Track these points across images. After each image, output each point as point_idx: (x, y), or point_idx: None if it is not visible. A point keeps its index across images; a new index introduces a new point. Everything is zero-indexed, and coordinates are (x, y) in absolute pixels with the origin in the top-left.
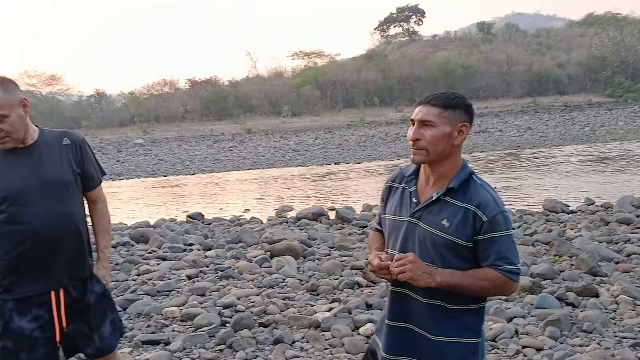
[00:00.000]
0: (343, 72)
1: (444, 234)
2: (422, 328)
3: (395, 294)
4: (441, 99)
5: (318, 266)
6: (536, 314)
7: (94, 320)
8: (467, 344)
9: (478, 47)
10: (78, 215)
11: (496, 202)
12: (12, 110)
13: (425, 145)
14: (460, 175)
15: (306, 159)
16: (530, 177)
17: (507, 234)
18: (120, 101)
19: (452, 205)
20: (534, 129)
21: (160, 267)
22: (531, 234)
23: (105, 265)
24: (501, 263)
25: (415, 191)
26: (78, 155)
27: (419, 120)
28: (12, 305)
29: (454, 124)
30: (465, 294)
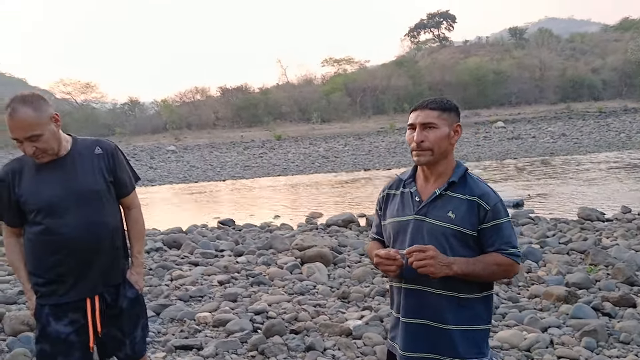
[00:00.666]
0: (373, 79)
1: (452, 225)
2: (438, 321)
3: (408, 291)
4: (437, 102)
5: (349, 273)
6: (572, 324)
7: (126, 325)
8: (479, 330)
9: (510, 52)
10: (112, 223)
11: (494, 192)
12: (45, 128)
13: (430, 146)
14: (457, 171)
15: (336, 166)
16: (565, 185)
17: (507, 220)
18: (153, 109)
19: (455, 198)
20: (568, 135)
21: (192, 273)
22: (566, 242)
23: (139, 271)
24: (506, 247)
25: (417, 191)
26: (110, 164)
27: (421, 123)
28: (49, 309)
29: (450, 124)
30: (477, 280)
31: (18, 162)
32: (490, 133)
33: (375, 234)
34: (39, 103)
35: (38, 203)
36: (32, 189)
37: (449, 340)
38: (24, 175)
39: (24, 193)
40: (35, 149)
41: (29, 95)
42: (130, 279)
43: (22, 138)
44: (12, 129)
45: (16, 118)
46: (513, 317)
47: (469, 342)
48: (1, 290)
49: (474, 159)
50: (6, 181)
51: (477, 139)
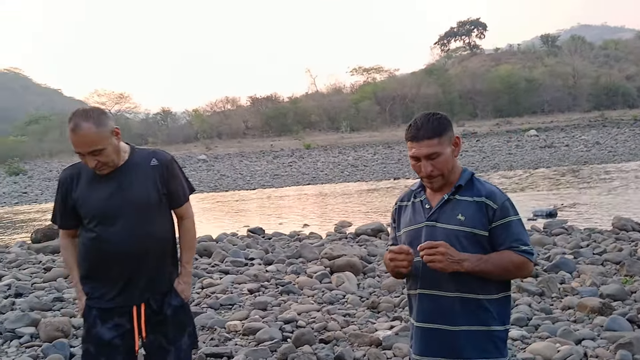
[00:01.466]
0: (402, 87)
1: (463, 227)
2: (452, 324)
3: (422, 296)
4: (431, 129)
5: (378, 283)
6: (606, 336)
7: (171, 332)
8: (497, 332)
9: (542, 60)
10: (162, 234)
11: (500, 192)
12: (107, 143)
13: (439, 172)
14: (464, 175)
15: (365, 174)
16: (599, 194)
17: (516, 218)
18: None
19: (463, 201)
20: (602, 143)
21: (223, 281)
22: (600, 253)
23: (186, 280)
24: (517, 244)
25: (426, 199)
26: (164, 176)
27: (425, 156)
28: (97, 312)
29: (450, 142)
30: (491, 278)
31: (76, 168)
32: (523, 141)
33: (392, 245)
34: (100, 118)
35: (91, 211)
36: (87, 196)
37: (466, 341)
38: (80, 181)
39: (79, 199)
40: (97, 162)
41: (90, 110)
42: (177, 287)
43: (85, 152)
44: (75, 144)
45: (79, 134)
46: (546, 328)
47: (487, 344)
48: (37, 297)
49: (505, 168)
50: (64, 185)
51: (509, 147)
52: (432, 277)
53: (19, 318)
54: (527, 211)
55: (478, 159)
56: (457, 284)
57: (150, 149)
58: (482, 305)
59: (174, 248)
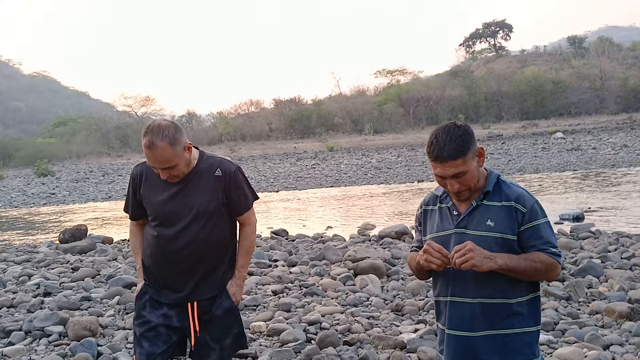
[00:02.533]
0: (427, 89)
1: (493, 233)
2: (485, 329)
3: (453, 304)
4: (455, 150)
5: (402, 286)
6: (635, 341)
7: (218, 332)
8: (530, 332)
9: (569, 61)
10: (218, 240)
11: (529, 194)
12: (181, 159)
13: (466, 187)
14: (490, 180)
15: (388, 177)
16: (627, 198)
17: (545, 221)
18: (209, 121)
19: (491, 206)
20: (630, 146)
21: (247, 282)
22: (629, 257)
23: (239, 283)
24: (546, 247)
25: (454, 205)
26: (226, 186)
27: (451, 175)
28: (149, 297)
29: (473, 156)
30: (520, 277)
31: (145, 166)
32: (549, 144)
33: (417, 247)
34: (175, 137)
35: (153, 211)
36: (150, 196)
37: (498, 347)
38: (147, 181)
39: (145, 197)
40: (169, 174)
41: (165, 128)
42: (229, 289)
43: (159, 167)
44: (149, 159)
45: (155, 152)
46: (573, 333)
47: (520, 346)
48: (65, 296)
49: (531, 171)
50: (135, 180)
51: (535, 150)
52: (462, 284)
53: (47, 317)
54: (554, 215)
55: (504, 162)
56: (488, 290)
57: (218, 157)
58: (513, 309)
59: (233, 252)
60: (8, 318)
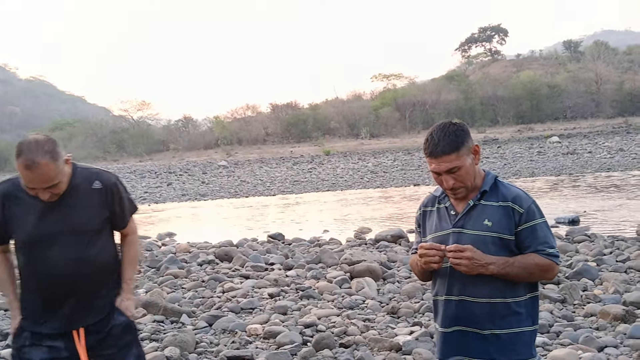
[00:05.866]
0: (423, 94)
1: (490, 233)
2: (482, 328)
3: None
4: (448, 145)
5: (398, 289)
6: (629, 343)
7: (116, 354)
8: (527, 332)
9: (565, 65)
10: (101, 259)
11: (526, 194)
12: (63, 175)
13: (462, 184)
14: (487, 180)
15: (385, 181)
16: (623, 201)
17: (542, 221)
18: (205, 125)
19: (489, 206)
20: (626, 150)
21: (243, 285)
22: (624, 260)
23: (129, 297)
24: (543, 247)
25: (451, 205)
26: (108, 199)
27: (446, 171)
28: (28, 334)
29: (468, 152)
30: (516, 280)
31: (13, 185)
32: (545, 148)
33: (417, 249)
34: (55, 151)
35: (25, 234)
36: (21, 217)
37: (494, 346)
38: (15, 201)
39: (12, 219)
40: (51, 194)
41: (43, 142)
42: (120, 306)
43: (40, 188)
44: (29, 181)
45: (36, 171)
46: (568, 335)
47: (517, 345)
48: None
49: (527, 175)
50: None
51: (531, 154)
52: (460, 282)
53: None
54: (549, 218)
55: (499, 166)
56: (486, 289)
57: (94, 169)
58: (511, 309)
59: (117, 269)
60: None
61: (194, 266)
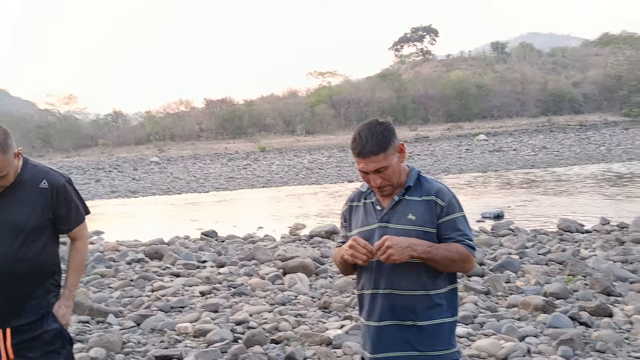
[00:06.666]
0: (357, 91)
1: (414, 227)
2: (407, 319)
3: (376, 296)
4: (376, 145)
5: (330, 283)
6: (549, 333)
7: (37, 358)
8: (448, 323)
9: (492, 66)
10: (38, 260)
11: (448, 189)
12: (11, 168)
13: (389, 183)
14: (411, 176)
15: (320, 177)
16: (545, 197)
17: (462, 214)
18: (136, 120)
19: (413, 201)
20: (548, 148)
21: (174, 284)
22: (545, 253)
23: (68, 304)
24: (463, 238)
25: (377, 200)
26: (53, 200)
27: (374, 170)
28: None
29: (395, 152)
30: (439, 267)
31: None
32: (473, 146)
33: (342, 243)
34: (6, 142)
35: None
36: None
37: (418, 337)
38: None
39: None
40: None
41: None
42: (56, 312)
43: None
44: None
45: None
46: (491, 326)
47: (439, 335)
48: None
49: (456, 171)
50: None
51: (460, 151)
52: (387, 276)
53: None
54: (476, 213)
55: (430, 163)
56: (411, 282)
57: (45, 167)
58: (433, 301)
59: (59, 272)
60: None
61: (122, 265)
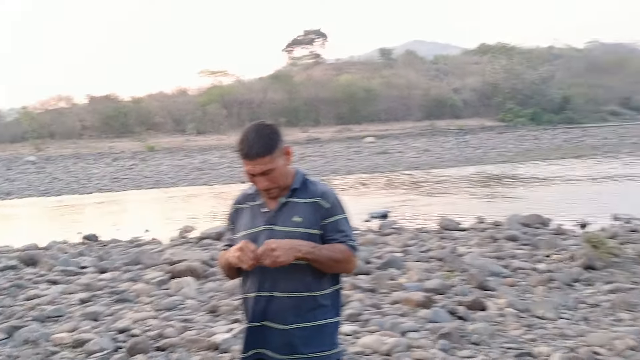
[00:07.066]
0: (250, 92)
1: (299, 229)
2: (288, 322)
3: (259, 299)
4: (261, 147)
5: (220, 286)
6: (429, 327)
7: None
8: (333, 323)
9: (380, 71)
10: None
11: (332, 191)
12: None
13: (275, 185)
14: (297, 178)
15: (211, 178)
16: (427, 197)
17: (344, 216)
18: (11, 116)
19: (299, 203)
20: (431, 150)
21: (50, 292)
22: (426, 250)
23: None
24: (345, 239)
25: (264, 202)
26: None
27: (261, 173)
28: None
29: (281, 154)
30: (323, 268)
31: None
32: (361, 148)
33: (228, 246)
34: None
35: None
36: None
37: (299, 339)
38: None
39: None
40: None
41: None
42: None
43: None
44: None
45: None
46: (376, 323)
47: (323, 336)
48: None
49: (344, 172)
50: None
51: (349, 153)
52: (271, 279)
53: None
54: (363, 213)
55: (320, 164)
56: (295, 284)
57: None
58: (318, 302)
59: None
60: None
61: None
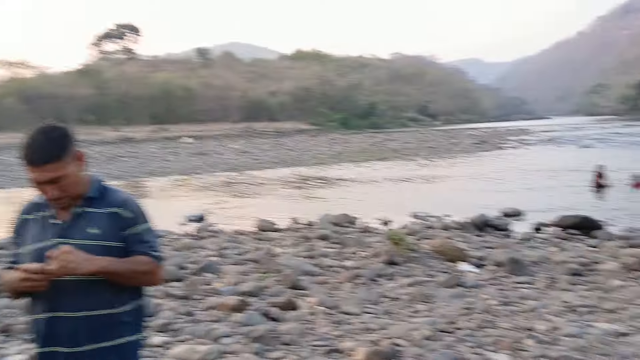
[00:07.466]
0: (55, 87)
1: (97, 241)
2: (83, 344)
3: (51, 320)
4: (48, 152)
5: (14, 303)
6: (243, 331)
7: None
8: (136, 341)
9: (197, 71)
10: None
11: (133, 199)
12: None
13: (66, 194)
14: (93, 186)
15: (6, 181)
16: (246, 199)
17: (148, 226)
18: None
19: (95, 213)
20: (249, 152)
21: None
22: (243, 253)
23: None
24: (150, 250)
25: (55, 213)
26: None
27: (48, 181)
28: None
29: (73, 160)
30: (123, 281)
31: None
32: (179, 148)
33: (13, 263)
34: None
35: None
36: None
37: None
38: None
39: None
40: None
41: None
42: None
43: None
44: None
45: None
46: (188, 331)
47: (125, 355)
48: None
49: (160, 174)
50: None
51: (165, 154)
52: (64, 298)
53: None
54: (180, 216)
55: (134, 165)
56: (92, 302)
57: None
58: (116, 319)
59: None
60: None
61: None
